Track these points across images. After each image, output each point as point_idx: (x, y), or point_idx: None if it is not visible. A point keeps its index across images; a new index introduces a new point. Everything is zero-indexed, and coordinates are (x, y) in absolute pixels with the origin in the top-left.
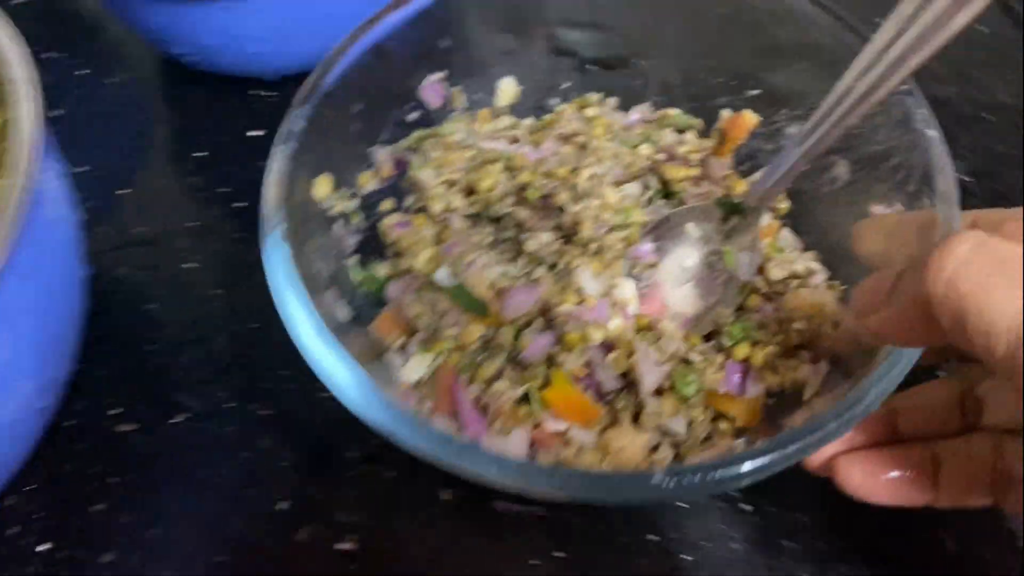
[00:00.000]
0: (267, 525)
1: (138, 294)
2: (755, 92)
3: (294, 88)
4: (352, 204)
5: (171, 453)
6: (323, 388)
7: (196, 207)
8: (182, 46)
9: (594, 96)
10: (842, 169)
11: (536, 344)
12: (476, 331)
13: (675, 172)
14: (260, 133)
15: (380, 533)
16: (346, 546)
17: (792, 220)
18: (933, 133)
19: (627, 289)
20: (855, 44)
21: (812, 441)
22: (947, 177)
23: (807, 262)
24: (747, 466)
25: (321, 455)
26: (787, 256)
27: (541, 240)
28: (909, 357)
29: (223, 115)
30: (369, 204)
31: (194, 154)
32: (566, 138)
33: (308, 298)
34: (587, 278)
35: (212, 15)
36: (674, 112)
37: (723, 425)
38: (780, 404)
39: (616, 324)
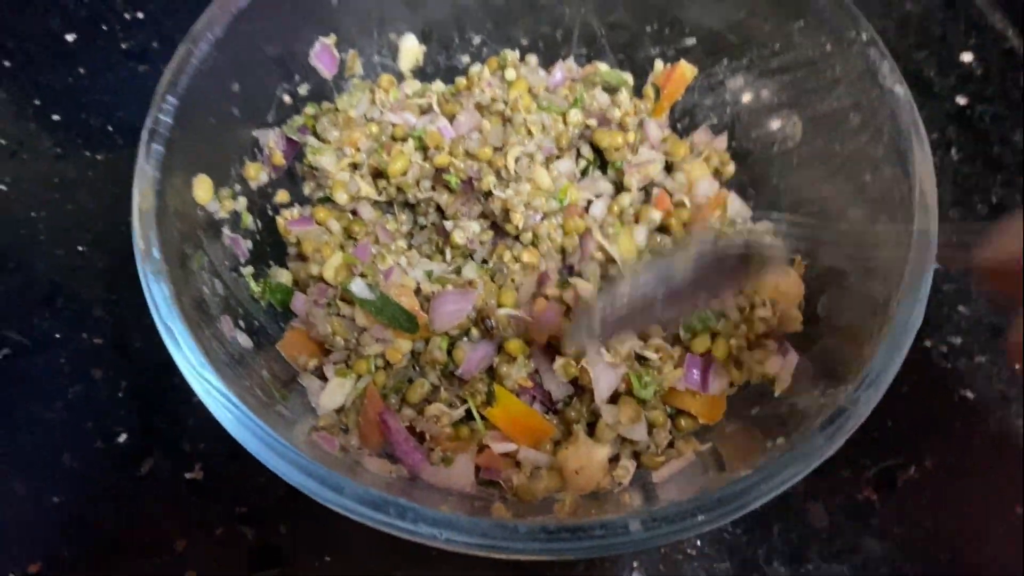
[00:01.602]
0: (107, 460)
1: None
2: (690, 41)
3: None
4: (241, 203)
5: None
6: None
7: (7, 122)
8: None
9: (511, 54)
10: (794, 128)
11: (473, 356)
12: (404, 347)
13: (610, 139)
14: (75, 37)
15: (228, 459)
16: (193, 475)
17: (740, 185)
18: (901, 90)
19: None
20: None
21: (802, 466)
22: (921, 142)
23: (764, 237)
24: (734, 505)
25: (161, 383)
26: (740, 231)
27: (469, 231)
28: (901, 354)
29: (32, 18)
30: (261, 199)
31: (1, 63)
32: (485, 108)
33: (195, 343)
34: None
35: None
36: (603, 67)
37: (684, 422)
38: (745, 396)
39: None
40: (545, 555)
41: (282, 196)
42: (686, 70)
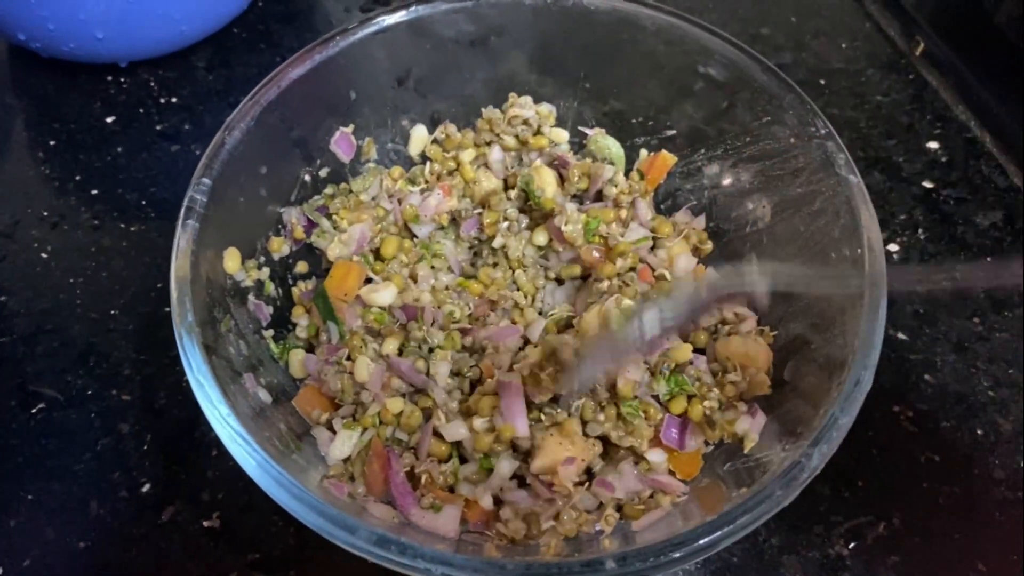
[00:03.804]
0: (131, 508)
1: None
2: (671, 132)
3: (147, 73)
4: (264, 272)
5: (30, 443)
6: (182, 372)
7: (50, 196)
8: (28, 32)
9: None
10: (764, 210)
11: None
12: (395, 406)
13: (603, 215)
14: (114, 119)
15: (243, 509)
16: (211, 523)
17: (716, 261)
18: (854, 179)
19: None
20: (769, 85)
21: (761, 512)
22: (872, 225)
23: (736, 308)
24: (700, 544)
25: (183, 437)
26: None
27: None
28: (852, 413)
29: (76, 102)
30: (282, 269)
31: (47, 142)
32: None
33: (222, 396)
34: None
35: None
36: (600, 138)
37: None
38: (718, 453)
39: None
40: None
41: (301, 267)
42: (667, 158)
